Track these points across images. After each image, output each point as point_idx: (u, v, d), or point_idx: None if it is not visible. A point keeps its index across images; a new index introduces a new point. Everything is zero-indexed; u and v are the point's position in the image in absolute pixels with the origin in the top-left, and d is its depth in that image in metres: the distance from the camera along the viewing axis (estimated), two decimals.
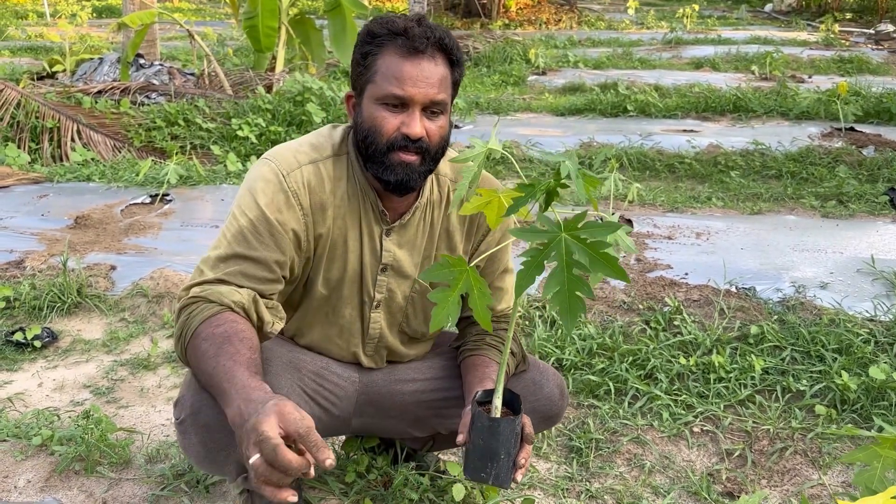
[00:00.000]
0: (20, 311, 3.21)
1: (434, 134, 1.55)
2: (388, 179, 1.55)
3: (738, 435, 2.41)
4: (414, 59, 1.50)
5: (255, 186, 1.56)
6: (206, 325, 1.44)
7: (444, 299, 1.24)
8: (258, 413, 1.22)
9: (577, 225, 1.14)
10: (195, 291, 1.50)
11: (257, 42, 6.68)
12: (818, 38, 13.10)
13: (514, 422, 1.41)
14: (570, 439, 2.36)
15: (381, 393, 1.81)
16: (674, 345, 2.80)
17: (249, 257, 1.53)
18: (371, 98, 1.54)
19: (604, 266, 1.12)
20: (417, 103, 1.51)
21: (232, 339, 1.41)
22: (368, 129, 1.54)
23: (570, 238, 1.14)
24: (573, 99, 7.89)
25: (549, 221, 1.15)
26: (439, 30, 1.54)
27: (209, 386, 1.39)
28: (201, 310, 1.46)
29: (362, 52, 1.55)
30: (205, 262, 1.55)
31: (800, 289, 3.18)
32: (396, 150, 1.53)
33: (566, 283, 1.13)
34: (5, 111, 5.64)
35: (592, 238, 1.12)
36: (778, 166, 5.36)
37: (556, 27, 15.86)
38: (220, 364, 1.36)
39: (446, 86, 1.55)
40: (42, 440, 2.23)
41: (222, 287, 1.50)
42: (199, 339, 1.42)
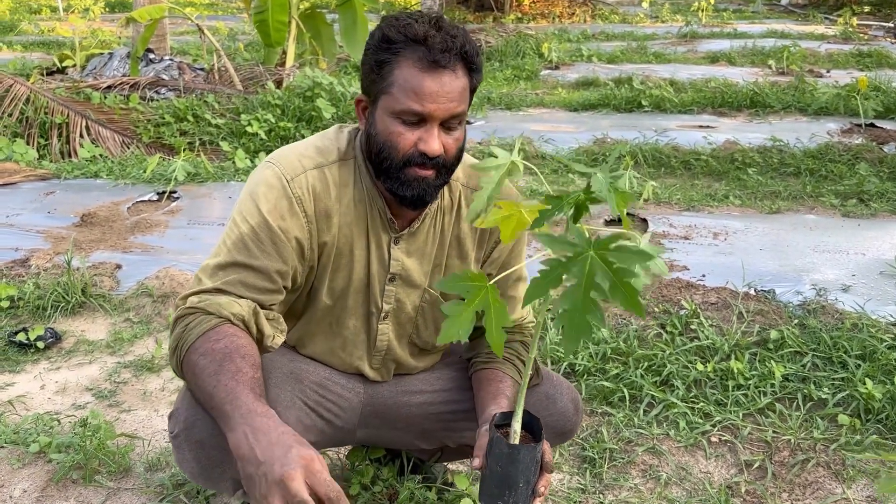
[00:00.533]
0: (24, 310, 3.17)
1: (451, 147, 1.47)
2: (404, 195, 1.47)
3: (758, 445, 2.32)
4: (434, 74, 1.40)
5: (258, 191, 1.49)
6: (205, 339, 1.36)
7: (457, 314, 1.15)
8: (283, 463, 1.18)
9: (609, 245, 1.05)
10: (192, 301, 1.43)
11: (267, 37, 6.62)
12: (836, 31, 12.91)
13: (534, 449, 1.33)
14: (583, 449, 2.28)
15: (388, 405, 1.74)
16: (690, 350, 2.71)
17: (250, 266, 1.46)
18: (386, 110, 1.45)
19: (623, 296, 1.03)
20: (436, 119, 1.43)
21: (233, 355, 1.34)
22: (383, 144, 1.46)
23: (598, 258, 1.05)
24: (587, 94, 7.79)
25: (580, 235, 1.07)
26: (460, 36, 1.43)
27: (209, 406, 1.32)
28: (198, 322, 1.39)
29: (377, 60, 1.45)
30: (203, 271, 1.48)
31: (821, 292, 3.08)
32: (412, 166, 1.45)
33: (580, 304, 1.05)
34: (14, 107, 5.61)
35: (621, 264, 1.04)
36: (796, 163, 5.24)
37: (570, 21, 15.73)
38: (222, 383, 1.30)
39: (465, 97, 1.46)
40: (40, 447, 2.18)
41: (221, 298, 1.43)
42: (197, 355, 1.35)
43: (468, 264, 1.67)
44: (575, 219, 1.14)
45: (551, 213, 1.12)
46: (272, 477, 1.17)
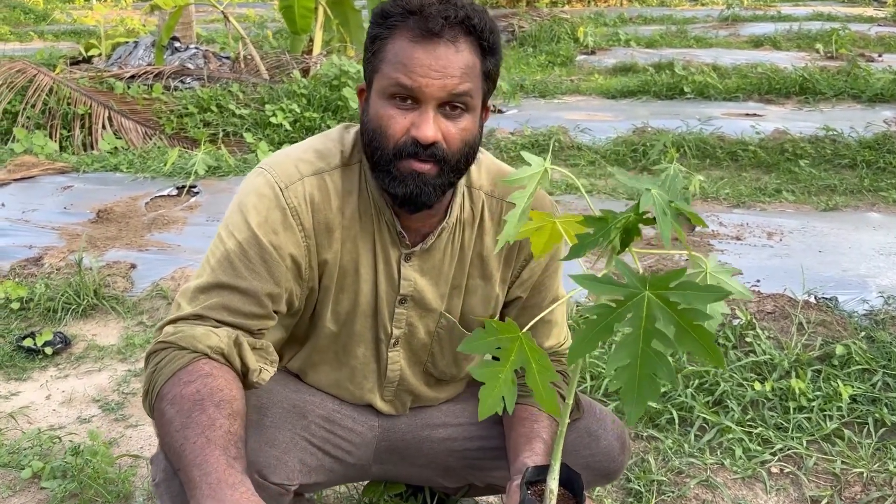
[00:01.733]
0: (35, 312, 3.04)
1: (454, 137, 1.22)
2: (396, 192, 1.24)
3: (825, 478, 2.07)
4: (427, 43, 1.18)
5: (247, 202, 1.27)
6: (174, 381, 1.15)
7: (492, 377, 0.93)
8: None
9: (670, 284, 0.82)
10: (166, 333, 1.22)
11: (293, 24, 6.44)
12: (886, 13, 12.41)
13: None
14: (627, 480, 2.05)
15: (406, 440, 1.53)
16: (746, 366, 2.46)
17: (235, 287, 1.25)
18: (378, 91, 1.23)
19: (695, 343, 0.80)
20: (431, 98, 1.19)
21: (205, 403, 1.12)
22: (374, 131, 1.24)
23: (657, 300, 0.82)
24: (625, 80, 7.49)
25: (630, 273, 0.83)
26: (467, 7, 1.21)
27: (176, 466, 1.11)
28: (169, 360, 1.18)
29: (371, 36, 1.24)
30: (182, 295, 1.27)
31: (889, 300, 2.80)
32: (406, 158, 1.22)
33: (639, 358, 0.82)
34: (37, 97, 5.51)
35: (687, 304, 0.80)
36: (852, 154, 4.93)
37: (606, 4, 15.36)
38: (189, 441, 1.09)
39: (472, 76, 1.22)
40: (33, 473, 2.01)
41: (197, 329, 1.21)
42: (165, 403, 1.15)
43: (493, 286, 1.43)
44: (623, 245, 0.91)
45: (594, 240, 0.88)
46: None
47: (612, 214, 0.88)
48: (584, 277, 0.84)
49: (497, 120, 6.00)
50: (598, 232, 0.86)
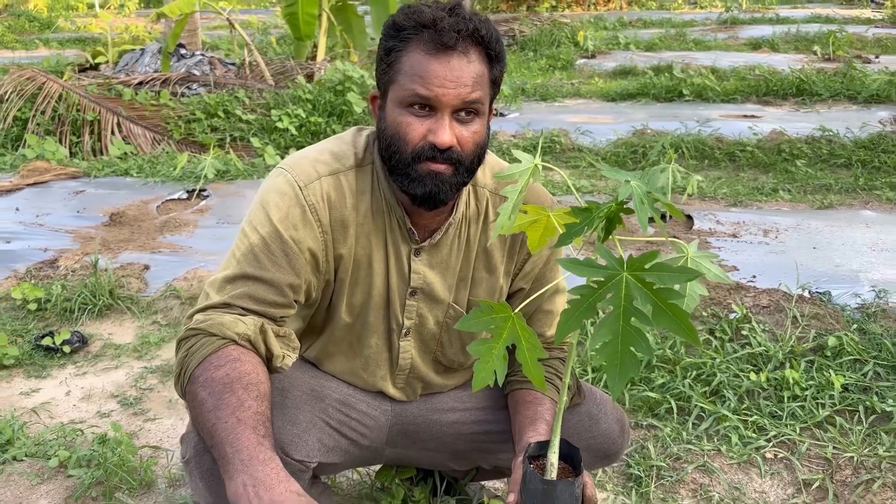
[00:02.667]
0: (52, 312, 3.12)
1: (467, 141, 1.32)
2: (416, 192, 1.34)
3: (817, 462, 2.16)
4: (442, 56, 1.28)
5: (269, 199, 1.37)
6: (205, 365, 1.25)
7: (486, 353, 1.02)
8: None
9: (645, 265, 0.91)
10: (197, 320, 1.32)
11: (297, 30, 6.53)
12: (883, 15, 12.50)
13: (572, 484, 1.19)
14: (628, 466, 2.14)
15: (417, 424, 1.62)
16: (742, 357, 2.55)
17: (259, 278, 1.34)
18: (395, 100, 1.33)
19: (670, 320, 0.89)
20: (446, 106, 1.29)
21: (234, 385, 1.22)
22: (392, 137, 1.34)
23: (634, 280, 0.91)
24: (624, 83, 7.59)
25: (609, 256, 0.93)
26: (475, 20, 1.31)
27: (209, 444, 1.21)
28: (200, 345, 1.27)
29: (386, 48, 1.33)
30: (211, 285, 1.37)
31: (881, 293, 2.88)
32: (423, 161, 1.32)
33: (620, 335, 0.91)
34: (47, 104, 5.61)
35: (662, 283, 0.89)
36: (847, 154, 5.02)
37: (606, 8, 15.46)
38: (221, 421, 1.18)
39: (482, 84, 1.32)
40: (59, 462, 2.10)
41: (225, 316, 1.31)
42: (197, 385, 1.24)
43: (496, 278, 1.53)
44: (606, 233, 1.00)
45: (579, 228, 0.97)
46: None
47: (596, 205, 0.97)
48: (568, 261, 0.94)
49: (499, 123, 6.09)
50: (584, 221, 0.96)
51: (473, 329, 1.04)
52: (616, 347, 0.92)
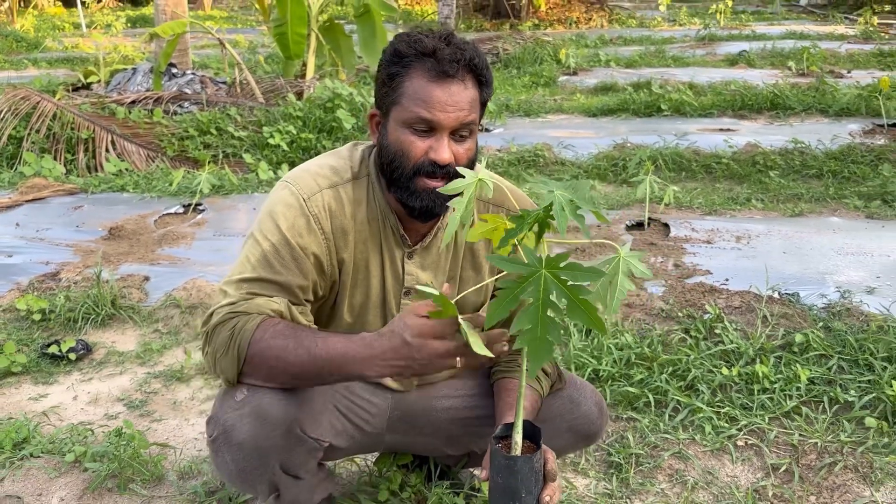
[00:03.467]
0: (55, 322, 3.23)
1: (462, 157, 1.50)
2: (413, 205, 1.51)
3: (785, 449, 2.32)
4: (443, 83, 1.45)
5: (276, 210, 1.54)
6: (264, 327, 1.43)
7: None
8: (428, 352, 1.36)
9: (560, 264, 1.08)
10: (228, 311, 1.47)
11: (287, 49, 6.69)
12: (856, 31, 12.81)
13: (531, 459, 1.34)
14: (608, 454, 2.29)
15: (415, 410, 1.77)
16: (715, 354, 2.72)
17: (274, 282, 1.51)
18: (397, 121, 1.50)
19: (581, 313, 1.06)
20: (446, 128, 1.47)
21: (301, 328, 1.45)
22: (395, 154, 1.50)
23: (551, 276, 1.08)
24: (605, 99, 7.79)
25: (531, 255, 1.10)
26: (469, 49, 1.48)
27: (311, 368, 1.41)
28: (245, 321, 1.44)
29: (389, 73, 1.50)
30: (228, 285, 1.52)
31: (845, 294, 3.07)
32: (422, 176, 1.49)
33: (538, 323, 1.08)
34: (42, 123, 5.72)
35: (574, 281, 1.06)
36: (819, 165, 5.22)
37: (587, 26, 15.73)
38: (315, 345, 1.41)
39: (475, 107, 1.50)
40: (75, 456, 2.23)
41: (258, 299, 1.48)
42: (266, 342, 1.41)
43: (482, 276, 1.70)
44: (538, 236, 1.17)
45: (514, 232, 1.14)
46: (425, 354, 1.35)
47: (527, 213, 1.13)
48: (495, 257, 1.11)
49: (485, 138, 6.27)
50: (518, 226, 1.13)
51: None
52: (535, 334, 1.08)
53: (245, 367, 1.44)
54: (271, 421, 1.44)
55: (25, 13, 18.96)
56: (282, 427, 1.45)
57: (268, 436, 1.44)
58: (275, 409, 1.44)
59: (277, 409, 1.45)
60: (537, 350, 1.09)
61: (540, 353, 1.09)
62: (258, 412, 1.44)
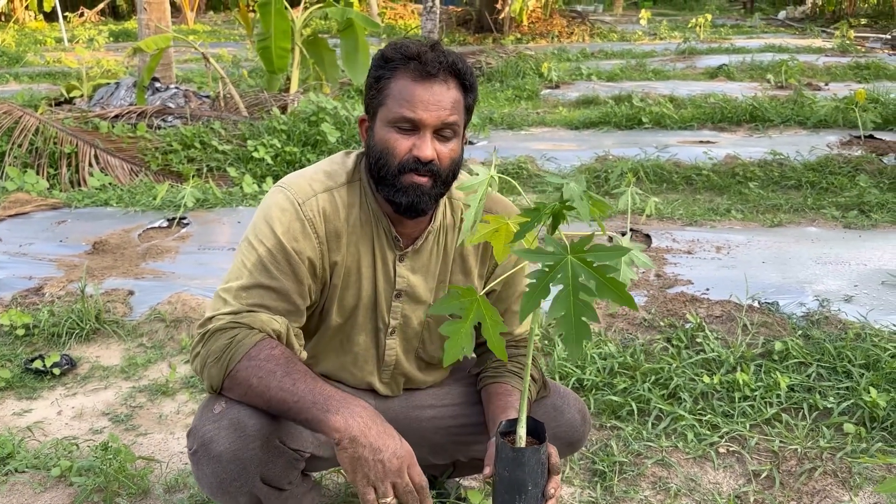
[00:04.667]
0: (39, 337, 3.21)
1: (445, 157, 1.54)
2: (400, 201, 1.55)
3: (766, 455, 2.35)
4: (425, 83, 1.51)
5: (271, 215, 1.56)
6: (260, 347, 1.45)
7: (456, 331, 1.21)
8: (399, 455, 1.42)
9: (584, 248, 1.11)
10: (230, 319, 1.49)
11: (270, 63, 6.72)
12: (833, 44, 13.02)
13: (538, 451, 1.37)
14: (593, 462, 2.31)
15: (398, 419, 1.79)
16: (697, 363, 2.75)
17: (271, 288, 1.53)
18: (383, 121, 1.54)
19: (611, 291, 1.09)
20: (429, 126, 1.51)
21: (294, 359, 1.47)
22: (381, 152, 1.54)
23: (577, 261, 1.11)
24: (587, 112, 7.86)
25: (555, 243, 1.13)
26: (452, 55, 1.54)
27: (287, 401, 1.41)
28: (246, 334, 1.47)
29: (375, 77, 1.55)
30: (227, 292, 1.54)
31: (824, 303, 3.12)
32: (408, 172, 1.53)
33: (572, 308, 1.11)
34: (24, 137, 5.70)
35: (599, 262, 1.10)
36: (797, 176, 5.30)
37: (569, 40, 15.87)
38: (301, 379, 1.42)
39: (458, 109, 1.55)
40: (61, 471, 2.22)
41: (262, 315, 1.51)
42: (259, 360, 1.44)
43: (472, 280, 1.73)
44: (553, 228, 1.20)
45: (531, 225, 1.17)
46: (389, 465, 1.40)
47: (543, 205, 1.17)
48: (522, 251, 1.14)
49: (469, 151, 6.32)
50: (534, 219, 1.16)
51: (445, 311, 1.23)
52: (570, 319, 1.11)
53: (227, 381, 1.46)
54: (249, 433, 1.46)
55: (6, 27, 18.87)
56: (260, 439, 1.47)
57: (246, 447, 1.46)
58: (253, 421, 1.46)
59: (256, 421, 1.46)
60: (576, 334, 1.11)
61: (579, 336, 1.12)
62: (236, 424, 1.45)
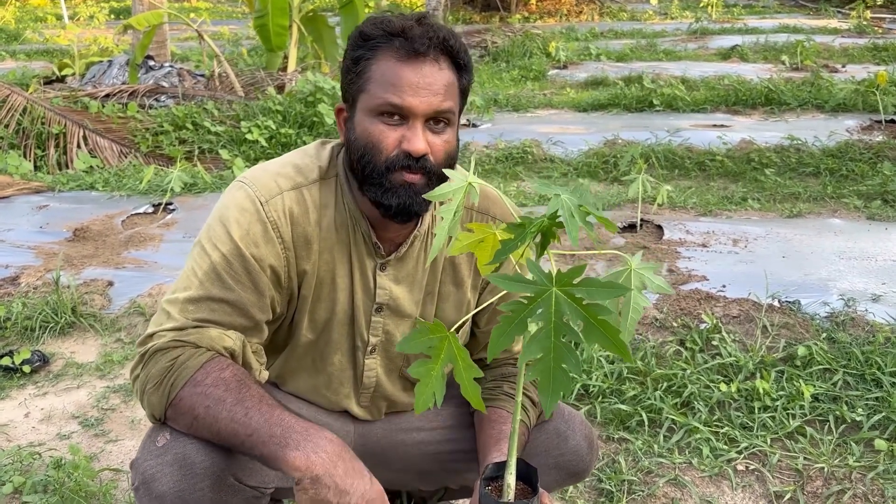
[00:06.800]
0: (12, 331, 3.06)
1: (439, 150, 1.30)
2: (389, 204, 1.30)
3: (788, 474, 2.15)
4: (414, 63, 1.26)
5: (228, 215, 1.33)
6: (206, 370, 1.23)
7: (425, 374, 1.00)
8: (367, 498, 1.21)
9: (573, 280, 0.89)
10: (173, 336, 1.27)
11: (268, 41, 6.49)
12: (849, 25, 12.69)
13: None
14: (599, 480, 2.11)
15: (381, 445, 1.58)
16: (712, 368, 2.54)
17: (225, 300, 1.30)
18: (365, 110, 1.30)
19: (601, 336, 0.86)
20: (419, 115, 1.27)
21: (247, 382, 1.24)
22: (364, 147, 1.30)
23: (563, 295, 0.88)
24: (596, 94, 7.61)
25: (538, 271, 0.90)
26: (443, 30, 1.29)
27: (240, 435, 1.19)
28: (190, 355, 1.24)
29: (353, 57, 1.30)
30: (172, 304, 1.32)
31: (849, 302, 2.89)
32: (397, 170, 1.29)
33: (552, 351, 0.88)
34: (11, 117, 5.51)
35: (591, 299, 0.87)
36: (815, 163, 5.06)
37: (577, 19, 15.57)
38: (255, 409, 1.20)
39: (452, 93, 1.31)
40: (14, 488, 2.04)
41: (211, 331, 1.28)
42: (205, 386, 1.21)
43: (464, 292, 1.50)
44: (541, 248, 0.97)
45: (513, 244, 0.94)
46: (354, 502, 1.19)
47: (529, 220, 0.94)
48: (497, 276, 0.91)
49: (471, 134, 6.08)
50: (518, 237, 0.93)
51: (413, 351, 1.01)
52: (548, 364, 0.89)
53: (169, 410, 1.24)
54: (196, 471, 1.23)
55: (7, 4, 18.61)
56: (210, 478, 1.24)
57: (193, 488, 1.23)
58: (201, 458, 1.24)
59: (204, 457, 1.24)
60: (552, 383, 0.90)
61: (555, 385, 0.90)
62: (182, 461, 1.23)
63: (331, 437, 1.21)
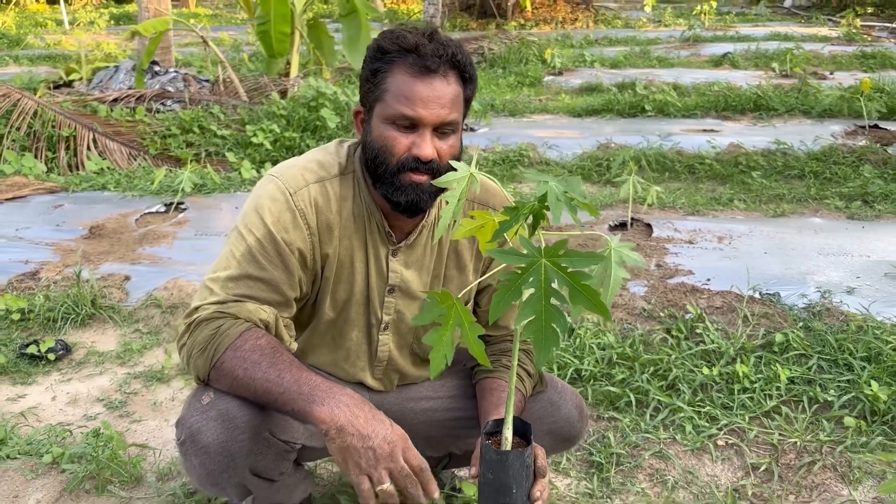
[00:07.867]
0: (35, 322, 3.20)
1: (445, 154, 1.50)
2: (399, 200, 1.50)
3: (764, 448, 2.33)
4: (426, 79, 1.45)
5: (262, 204, 1.52)
6: (245, 338, 1.42)
7: (437, 340, 1.18)
8: (389, 440, 1.36)
9: (559, 251, 1.08)
10: (216, 308, 1.46)
11: (270, 48, 6.66)
12: (839, 33, 12.91)
13: (522, 454, 1.34)
14: (590, 454, 2.29)
15: (392, 412, 1.76)
16: (696, 354, 2.73)
17: (260, 279, 1.50)
18: (381, 117, 1.49)
19: (584, 299, 1.06)
20: (428, 124, 1.47)
21: (280, 349, 1.43)
22: (378, 149, 1.50)
23: (551, 265, 1.07)
24: (590, 99, 7.80)
25: (529, 245, 1.10)
26: (452, 45, 1.48)
27: (273, 392, 1.38)
28: (231, 324, 1.44)
29: (372, 69, 1.50)
30: (214, 282, 1.51)
31: (826, 294, 3.09)
32: (406, 171, 1.48)
33: (542, 313, 1.07)
34: (22, 121, 5.66)
35: (574, 267, 1.06)
36: (801, 166, 5.25)
37: (573, 26, 15.77)
38: (286, 370, 1.39)
39: (458, 104, 1.50)
40: (53, 458, 2.21)
41: (249, 304, 1.48)
42: (244, 351, 1.41)
43: (467, 276, 1.69)
44: (533, 228, 1.16)
45: (508, 224, 1.14)
46: (381, 451, 1.34)
47: (522, 203, 1.13)
48: (494, 251, 1.11)
49: (469, 138, 6.27)
50: (512, 219, 1.12)
51: (428, 321, 1.20)
52: (540, 324, 1.08)
53: (212, 372, 1.43)
54: (238, 424, 1.43)
55: (6, 9, 18.76)
56: (249, 430, 1.44)
57: (235, 439, 1.43)
58: (242, 413, 1.43)
59: (244, 413, 1.44)
60: (544, 340, 1.09)
61: (547, 342, 1.09)
62: (225, 415, 1.43)
63: (351, 393, 1.40)
